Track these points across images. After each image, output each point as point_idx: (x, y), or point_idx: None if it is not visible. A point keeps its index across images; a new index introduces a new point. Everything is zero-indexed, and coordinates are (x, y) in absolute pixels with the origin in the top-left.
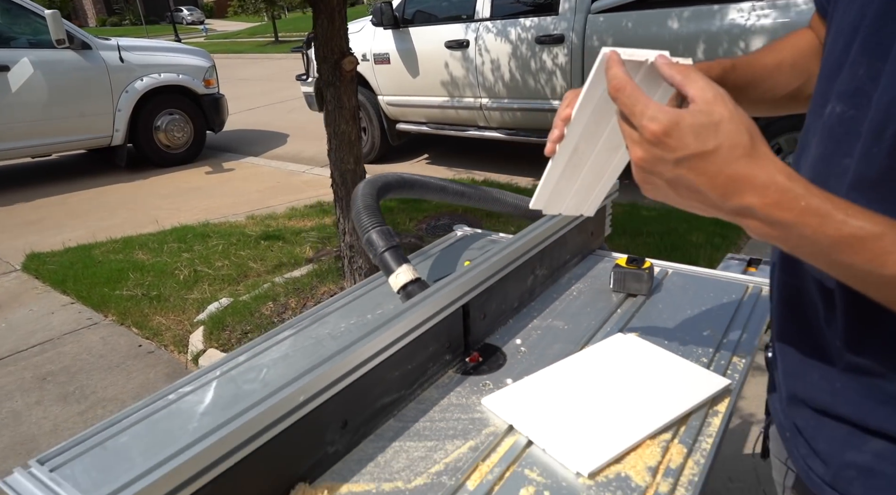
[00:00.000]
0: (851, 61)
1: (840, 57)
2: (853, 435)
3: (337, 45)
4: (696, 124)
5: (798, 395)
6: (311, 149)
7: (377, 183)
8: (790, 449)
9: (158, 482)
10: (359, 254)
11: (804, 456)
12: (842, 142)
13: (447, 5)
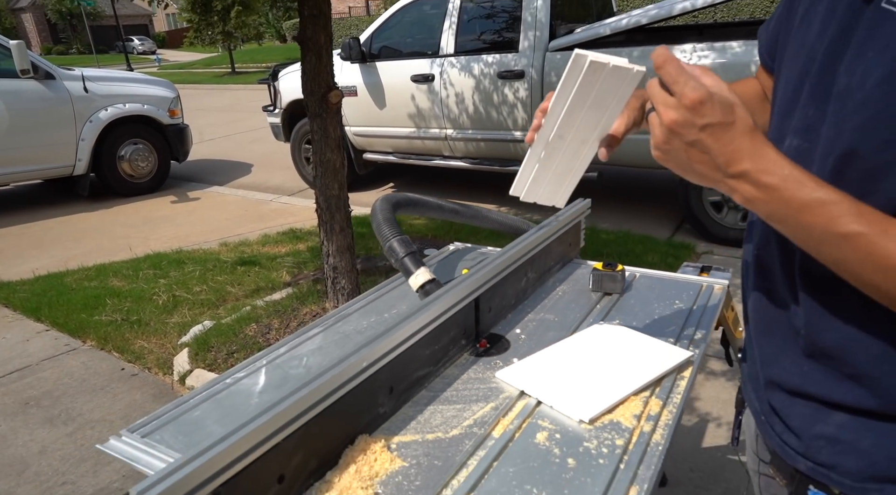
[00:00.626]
0: (802, 104)
1: (792, 100)
2: (820, 410)
3: (324, 79)
4: (724, 100)
5: (774, 380)
6: (277, 178)
7: (391, 200)
8: (766, 431)
9: (254, 433)
10: (342, 275)
11: (780, 433)
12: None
13: (412, 41)
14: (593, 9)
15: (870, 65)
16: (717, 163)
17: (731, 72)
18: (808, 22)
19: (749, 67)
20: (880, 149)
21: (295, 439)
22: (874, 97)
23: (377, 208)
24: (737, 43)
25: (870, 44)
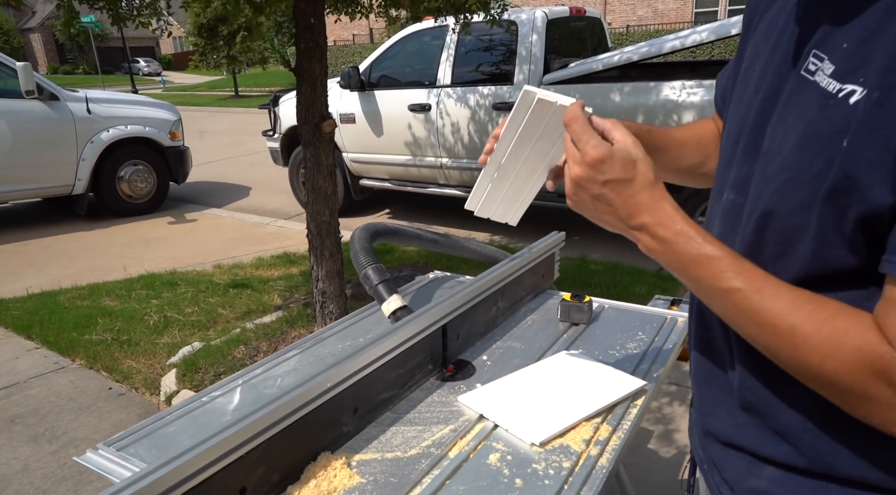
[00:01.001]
0: (738, 160)
1: (730, 154)
2: (753, 464)
3: (318, 109)
4: (623, 158)
5: (710, 430)
6: (274, 201)
7: (370, 229)
8: (707, 480)
9: (219, 445)
10: (330, 299)
11: (717, 484)
12: (734, 223)
13: (410, 71)
14: (588, 44)
15: (789, 129)
16: (620, 216)
17: None
18: (746, 79)
19: None
20: (793, 212)
21: (258, 453)
22: (789, 162)
23: (355, 237)
24: None
25: (790, 109)
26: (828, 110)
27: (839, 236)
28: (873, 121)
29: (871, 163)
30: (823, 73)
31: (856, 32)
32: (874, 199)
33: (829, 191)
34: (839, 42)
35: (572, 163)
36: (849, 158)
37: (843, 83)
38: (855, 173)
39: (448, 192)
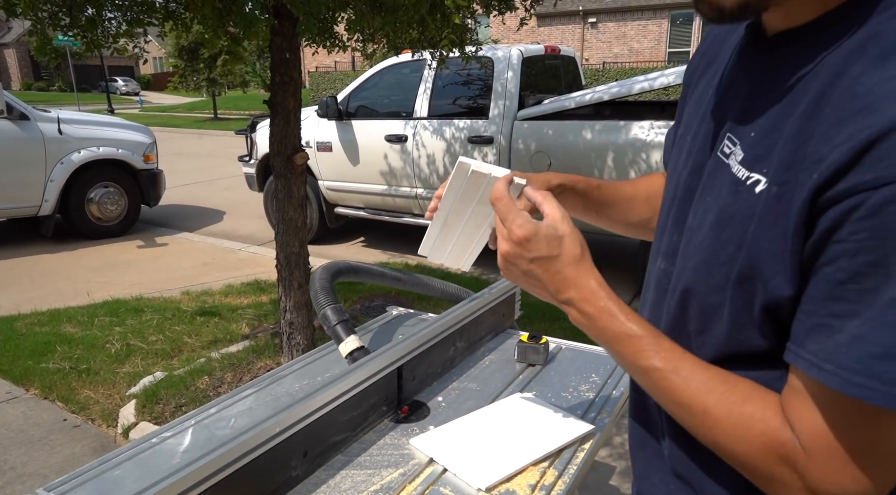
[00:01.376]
0: (669, 228)
1: (665, 221)
2: None
3: (290, 142)
4: (548, 235)
5: (644, 494)
6: (248, 227)
7: (331, 269)
8: None
9: (164, 491)
10: (298, 331)
11: None
12: (665, 291)
13: (388, 102)
14: (563, 81)
15: (707, 209)
16: (549, 290)
17: None
18: (680, 148)
19: None
20: (710, 292)
21: None
22: (706, 242)
23: (316, 277)
24: None
25: (709, 188)
26: (738, 196)
27: (750, 319)
28: (772, 213)
29: (772, 255)
30: (735, 158)
31: (762, 122)
32: (775, 290)
33: (738, 277)
34: (748, 130)
35: (501, 240)
36: (753, 248)
37: (751, 171)
38: (758, 263)
39: (422, 223)
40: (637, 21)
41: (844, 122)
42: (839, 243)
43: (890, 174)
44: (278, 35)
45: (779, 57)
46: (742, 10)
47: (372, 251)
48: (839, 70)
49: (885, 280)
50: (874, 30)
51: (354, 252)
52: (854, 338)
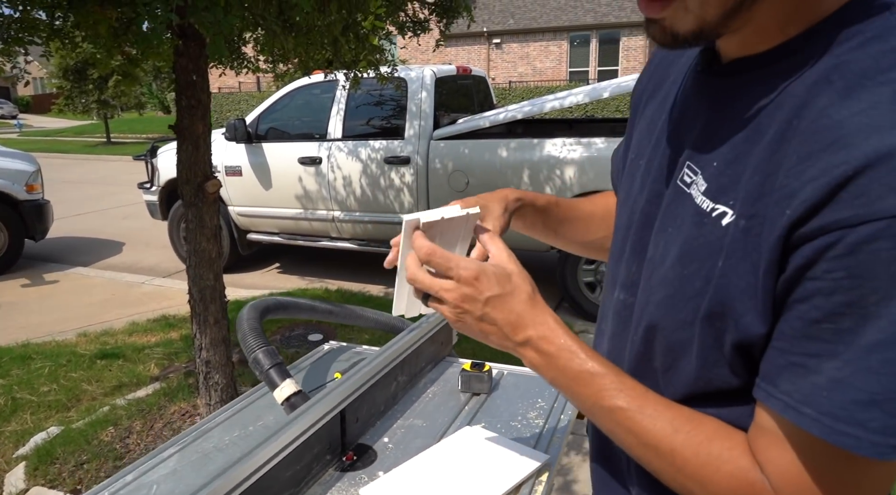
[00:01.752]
0: (626, 258)
1: (620, 249)
2: None
3: (201, 168)
4: (497, 273)
5: None
6: (151, 258)
7: (259, 307)
8: None
9: None
10: (215, 369)
11: None
12: (626, 323)
13: (300, 124)
14: (475, 99)
15: (669, 240)
16: (505, 332)
17: (596, 165)
18: (633, 173)
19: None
20: (677, 328)
21: None
22: (671, 276)
23: (243, 317)
24: (600, 139)
25: (670, 218)
26: (703, 228)
27: (720, 357)
28: (742, 248)
29: (742, 291)
30: (697, 188)
31: (724, 151)
32: (748, 327)
33: (707, 313)
34: (710, 159)
35: (447, 292)
36: (722, 284)
37: (716, 203)
38: (728, 299)
39: (340, 246)
40: (539, 42)
41: (815, 156)
42: (813, 280)
43: (868, 212)
44: (183, 56)
45: (737, 84)
46: (696, 37)
47: (289, 277)
48: (804, 101)
49: (863, 321)
50: (837, 60)
51: (270, 279)
52: (834, 381)
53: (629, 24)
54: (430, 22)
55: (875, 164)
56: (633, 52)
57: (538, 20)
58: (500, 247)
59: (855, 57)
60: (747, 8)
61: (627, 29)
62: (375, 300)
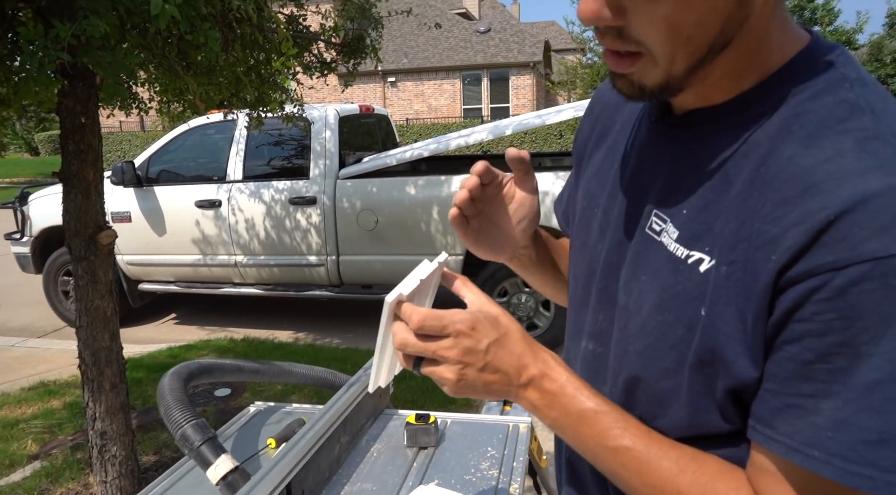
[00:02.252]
0: (593, 307)
1: (583, 299)
2: None
3: (92, 219)
4: (487, 317)
5: None
6: (23, 316)
7: (182, 374)
8: None
9: None
10: (112, 441)
11: None
12: (598, 372)
13: (195, 165)
14: (378, 137)
15: (643, 289)
16: (510, 377)
17: None
18: (587, 221)
19: None
20: (661, 377)
21: None
22: (650, 325)
23: (165, 388)
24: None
25: (641, 266)
26: (680, 275)
27: (712, 403)
28: (726, 295)
29: (730, 337)
30: (669, 236)
31: (693, 200)
32: (740, 372)
33: (696, 361)
34: (679, 208)
35: (446, 351)
36: (709, 330)
37: (690, 250)
38: (718, 346)
39: (244, 292)
40: (433, 80)
41: (791, 202)
42: (802, 322)
43: (853, 255)
44: (70, 97)
45: (698, 135)
46: (662, 90)
47: (187, 328)
48: (768, 150)
49: (858, 360)
50: (794, 111)
51: (166, 331)
52: (838, 422)
53: (516, 65)
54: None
55: (853, 209)
56: (521, 89)
57: (431, 60)
58: (476, 292)
59: (811, 108)
60: (708, 62)
61: (515, 68)
62: (286, 347)
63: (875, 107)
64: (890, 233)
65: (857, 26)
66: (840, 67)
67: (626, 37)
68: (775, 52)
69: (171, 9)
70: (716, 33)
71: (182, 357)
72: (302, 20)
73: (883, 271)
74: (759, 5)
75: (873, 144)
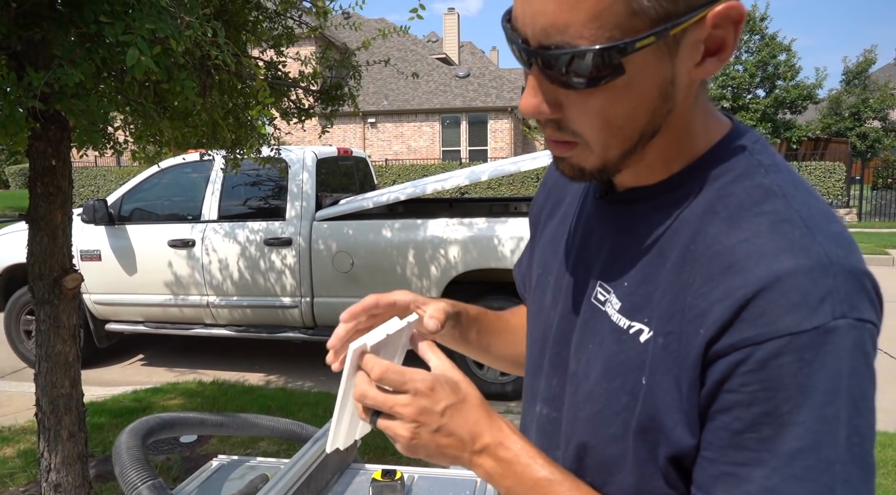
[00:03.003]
0: (546, 372)
1: (538, 363)
2: None
3: (58, 261)
4: (448, 382)
5: None
6: None
7: (140, 431)
8: None
9: None
10: (69, 493)
11: None
12: (552, 437)
13: (170, 204)
14: (356, 178)
15: (591, 357)
16: (464, 442)
17: (478, 244)
18: (543, 287)
19: (492, 240)
20: (609, 443)
21: None
22: (597, 393)
23: (122, 446)
24: (480, 220)
25: (588, 334)
26: (622, 345)
27: (656, 469)
28: (663, 364)
29: (669, 405)
30: (612, 306)
31: (633, 274)
32: (679, 440)
33: (639, 428)
34: (621, 280)
35: (403, 407)
36: (650, 399)
37: (631, 320)
38: (658, 414)
39: (216, 333)
40: (412, 122)
41: (716, 278)
42: (731, 393)
43: (770, 330)
44: (41, 140)
45: (636, 211)
46: (600, 172)
47: (155, 370)
48: (696, 228)
49: (781, 429)
50: (717, 193)
51: (133, 373)
52: (766, 490)
53: (495, 109)
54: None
55: (768, 288)
56: (499, 133)
57: (411, 102)
58: (440, 356)
59: (732, 191)
60: (641, 147)
61: (493, 113)
62: (257, 390)
63: (786, 191)
64: (801, 311)
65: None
66: (756, 154)
67: (563, 128)
68: (700, 138)
69: (147, 61)
70: (644, 123)
71: (148, 401)
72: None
73: (797, 345)
74: (681, 99)
75: (785, 227)
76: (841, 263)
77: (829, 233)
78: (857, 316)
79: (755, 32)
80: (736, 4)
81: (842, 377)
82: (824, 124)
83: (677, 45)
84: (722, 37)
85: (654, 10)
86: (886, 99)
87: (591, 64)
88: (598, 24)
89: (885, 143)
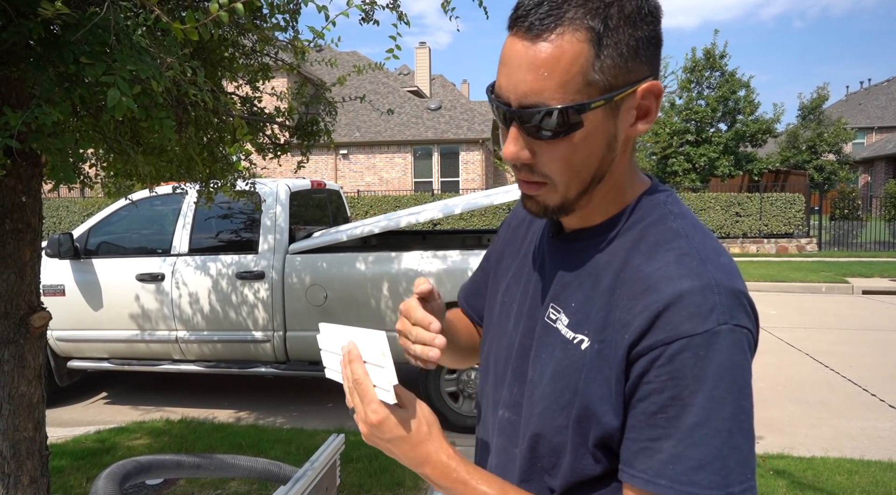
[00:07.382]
0: (509, 381)
1: (502, 374)
2: None
3: (24, 299)
4: (399, 419)
5: None
6: None
7: (116, 475)
8: None
9: None
10: None
11: None
12: (512, 437)
13: (139, 237)
14: (329, 211)
15: (544, 364)
16: (409, 465)
17: (452, 277)
18: (507, 312)
19: (466, 273)
20: (555, 433)
21: None
22: (547, 391)
23: (98, 491)
24: (454, 252)
25: (543, 347)
26: (569, 353)
27: (586, 450)
28: (597, 365)
29: (600, 397)
30: (562, 323)
31: (579, 295)
32: (608, 424)
33: (576, 417)
34: (569, 301)
35: (359, 421)
36: (586, 393)
37: (576, 333)
38: (591, 404)
39: (185, 368)
40: (384, 154)
41: (638, 298)
42: (648, 384)
43: (675, 333)
44: (11, 176)
45: (579, 248)
46: (560, 209)
47: (119, 408)
48: (624, 260)
49: (683, 409)
50: (640, 233)
51: (95, 412)
52: (673, 457)
53: (466, 141)
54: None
55: (674, 302)
56: (471, 165)
57: (383, 134)
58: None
59: (650, 232)
60: (591, 190)
61: (465, 144)
62: (227, 428)
63: (688, 233)
64: (696, 319)
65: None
66: (668, 205)
67: (535, 171)
68: (629, 191)
69: (128, 101)
70: (595, 168)
71: (112, 441)
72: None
73: (694, 344)
74: (619, 151)
75: (686, 259)
76: (724, 285)
77: (717, 264)
78: (735, 322)
79: (715, 69)
80: (657, 83)
81: (725, 367)
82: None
83: (618, 109)
84: (648, 106)
85: (603, 82)
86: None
87: (559, 119)
88: (564, 90)
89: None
